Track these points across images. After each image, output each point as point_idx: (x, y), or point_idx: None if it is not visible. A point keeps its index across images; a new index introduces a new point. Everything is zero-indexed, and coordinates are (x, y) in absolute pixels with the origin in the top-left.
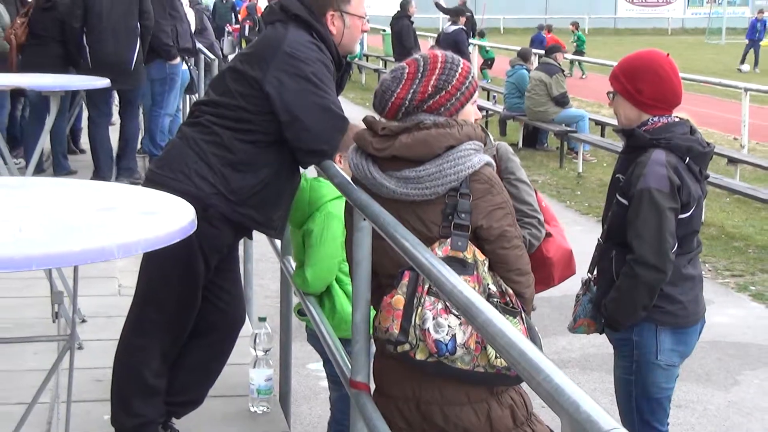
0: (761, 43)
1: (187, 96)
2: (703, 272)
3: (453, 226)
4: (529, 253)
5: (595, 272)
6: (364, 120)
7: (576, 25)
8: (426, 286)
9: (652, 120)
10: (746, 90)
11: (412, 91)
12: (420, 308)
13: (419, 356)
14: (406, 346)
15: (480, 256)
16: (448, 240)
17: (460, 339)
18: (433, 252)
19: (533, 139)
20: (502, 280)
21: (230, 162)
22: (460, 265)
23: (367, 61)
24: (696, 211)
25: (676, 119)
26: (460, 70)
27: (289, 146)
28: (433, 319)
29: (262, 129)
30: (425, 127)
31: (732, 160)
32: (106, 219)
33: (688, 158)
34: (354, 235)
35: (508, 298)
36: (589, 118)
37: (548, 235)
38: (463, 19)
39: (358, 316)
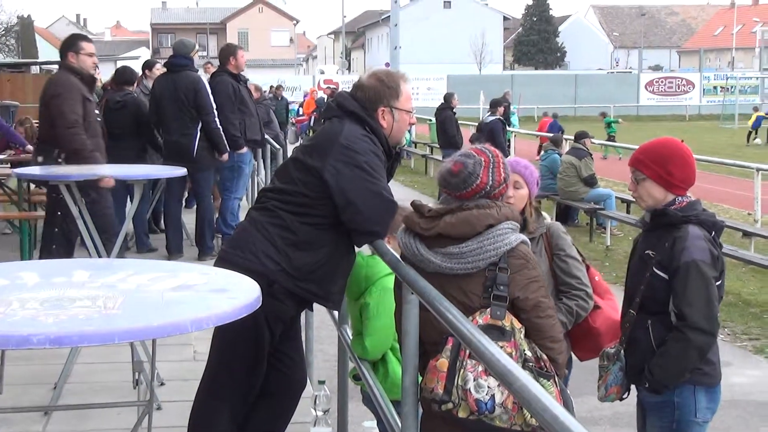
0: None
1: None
2: (721, 336)
3: (492, 297)
4: (576, 323)
5: (624, 342)
6: (412, 204)
7: (604, 114)
8: (467, 351)
9: (679, 200)
10: (758, 170)
11: (490, 178)
12: (462, 370)
13: (461, 414)
14: (450, 405)
15: (517, 324)
16: (488, 309)
17: (498, 399)
18: (475, 320)
19: (565, 216)
20: (537, 347)
21: (293, 242)
22: (498, 332)
23: (416, 147)
24: (723, 279)
25: (693, 198)
26: (507, 165)
27: (345, 228)
28: (474, 380)
29: (321, 212)
30: (467, 208)
31: (747, 234)
32: (181, 296)
33: (713, 232)
34: (403, 307)
35: (542, 363)
36: (616, 197)
37: (597, 307)
38: (501, 110)
39: (407, 380)
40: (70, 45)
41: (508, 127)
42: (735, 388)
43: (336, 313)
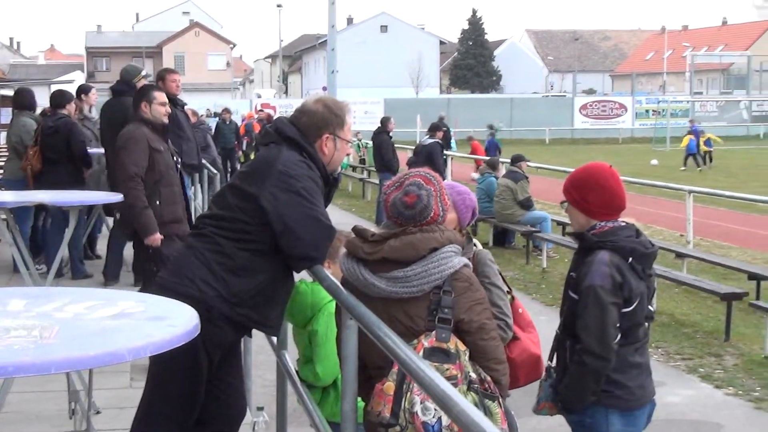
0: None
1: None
2: (655, 356)
3: (437, 319)
4: None
5: (554, 360)
6: (354, 229)
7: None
8: None
9: (600, 225)
10: (690, 192)
11: (440, 209)
12: (409, 393)
13: None
14: (397, 428)
15: (461, 347)
16: (434, 332)
17: (445, 421)
18: (420, 343)
19: (502, 238)
20: (481, 369)
21: (231, 268)
22: (444, 355)
23: (353, 171)
24: (639, 305)
25: (623, 223)
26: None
27: (283, 253)
28: (421, 402)
29: (259, 238)
30: (411, 232)
31: (679, 255)
32: (119, 325)
33: (631, 258)
34: (342, 333)
35: (486, 385)
36: (552, 219)
37: (516, 338)
38: (440, 134)
39: (346, 405)
40: (143, 95)
41: (446, 151)
42: (669, 407)
43: (274, 338)
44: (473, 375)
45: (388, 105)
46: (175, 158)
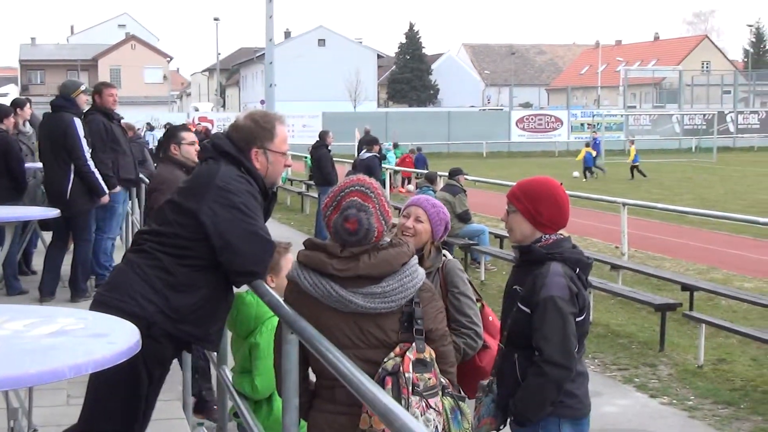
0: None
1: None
2: (592, 367)
3: (415, 331)
4: (464, 360)
5: (495, 374)
6: (317, 244)
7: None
8: (410, 388)
9: (545, 237)
10: (624, 204)
11: (383, 223)
12: (409, 408)
13: None
14: None
15: (433, 354)
16: (413, 344)
17: (439, 428)
18: (407, 357)
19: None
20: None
21: (171, 284)
22: (422, 365)
23: (292, 184)
24: (587, 315)
25: (562, 236)
26: (386, 195)
27: (224, 268)
28: (422, 414)
29: (199, 254)
30: (383, 248)
31: (614, 267)
32: (59, 342)
33: (578, 269)
34: (283, 347)
35: (453, 388)
36: (490, 232)
37: (486, 346)
38: (376, 147)
39: (287, 419)
40: (172, 136)
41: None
42: (606, 417)
43: (214, 353)
44: (443, 380)
45: (327, 118)
46: None
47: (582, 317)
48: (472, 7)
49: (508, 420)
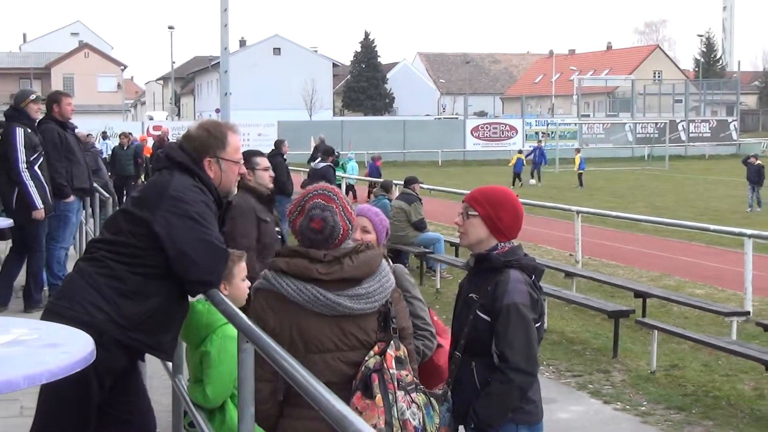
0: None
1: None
2: (546, 374)
3: (392, 330)
4: (423, 361)
5: (450, 383)
6: (298, 251)
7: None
8: (395, 383)
9: (501, 245)
10: (578, 212)
11: (347, 222)
12: (396, 403)
13: None
14: None
15: (406, 352)
16: (392, 342)
17: (421, 423)
18: (388, 354)
19: (395, 260)
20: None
21: (123, 292)
22: (399, 363)
23: None
24: (542, 322)
25: (515, 243)
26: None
27: (178, 278)
28: (408, 408)
29: (152, 263)
30: (362, 250)
31: (569, 274)
32: (13, 352)
33: (534, 276)
34: (239, 356)
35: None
36: (445, 240)
37: (439, 345)
38: (331, 158)
39: (243, 428)
40: (244, 162)
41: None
42: (560, 423)
43: (170, 363)
44: (415, 378)
45: (282, 127)
46: (278, 228)
47: (538, 324)
48: (427, 16)
49: (466, 428)
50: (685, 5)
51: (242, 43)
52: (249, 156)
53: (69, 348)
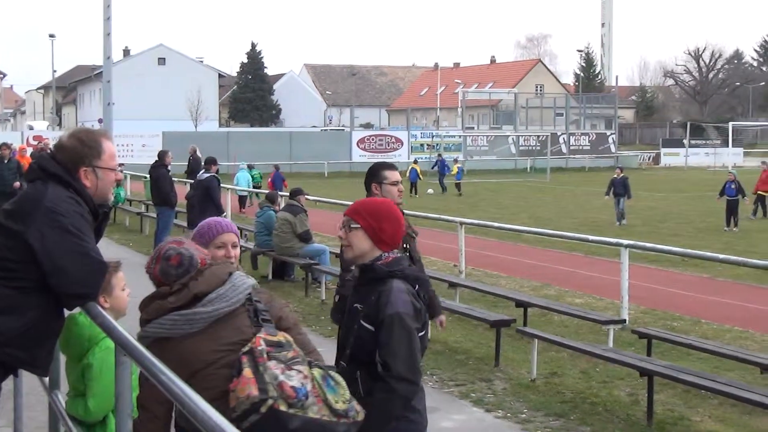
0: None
1: None
2: (430, 383)
3: (262, 320)
4: None
5: None
6: (146, 300)
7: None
8: (265, 356)
9: (385, 255)
10: (461, 223)
11: (202, 254)
12: (268, 370)
13: (282, 407)
14: (269, 401)
15: (289, 338)
16: (263, 328)
17: (308, 387)
18: (258, 337)
19: (281, 271)
20: None
21: None
22: (278, 346)
23: (131, 205)
24: (426, 330)
25: (399, 254)
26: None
27: (54, 291)
28: (282, 373)
29: (26, 276)
30: (206, 268)
31: (452, 284)
32: None
33: (417, 285)
34: (116, 369)
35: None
36: (330, 252)
37: None
38: (215, 168)
39: None
40: (373, 175)
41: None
42: None
43: (47, 378)
44: (309, 358)
45: (167, 138)
46: (404, 245)
47: (422, 333)
48: (313, 28)
49: None
50: (565, 21)
51: (126, 52)
52: (378, 169)
53: None
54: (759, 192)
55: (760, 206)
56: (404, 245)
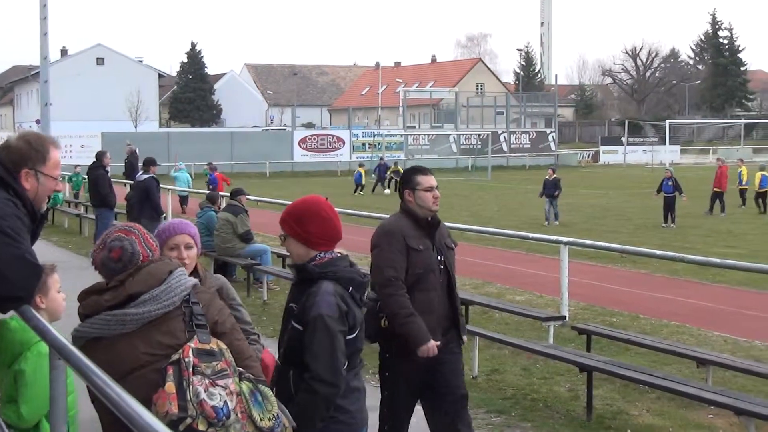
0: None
1: None
2: (372, 382)
3: (195, 325)
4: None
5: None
6: (84, 293)
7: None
8: (191, 369)
9: (320, 256)
10: None
11: (147, 250)
12: (191, 386)
13: (201, 427)
14: (188, 420)
15: (223, 346)
16: (195, 335)
17: (231, 405)
18: (187, 345)
19: (223, 272)
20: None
21: None
22: (209, 355)
23: (69, 206)
24: (360, 332)
25: (338, 254)
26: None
27: None
28: (205, 391)
29: None
30: (144, 266)
31: None
32: None
33: (351, 288)
34: (50, 374)
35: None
36: (272, 252)
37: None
38: (154, 169)
39: None
40: (406, 181)
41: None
42: None
43: None
44: (240, 369)
45: (106, 139)
46: (439, 257)
47: (354, 335)
48: (254, 28)
49: None
50: (505, 20)
51: (64, 52)
52: (411, 174)
53: None
54: (716, 189)
55: (719, 202)
56: (439, 257)
